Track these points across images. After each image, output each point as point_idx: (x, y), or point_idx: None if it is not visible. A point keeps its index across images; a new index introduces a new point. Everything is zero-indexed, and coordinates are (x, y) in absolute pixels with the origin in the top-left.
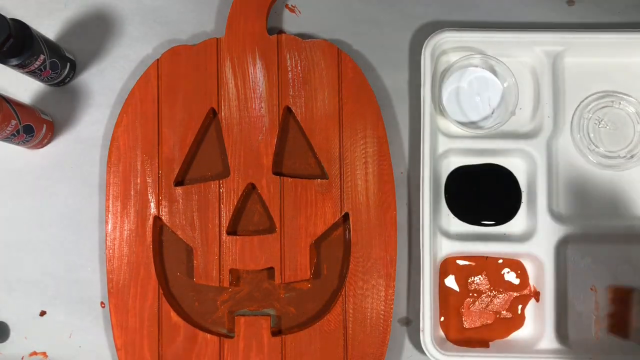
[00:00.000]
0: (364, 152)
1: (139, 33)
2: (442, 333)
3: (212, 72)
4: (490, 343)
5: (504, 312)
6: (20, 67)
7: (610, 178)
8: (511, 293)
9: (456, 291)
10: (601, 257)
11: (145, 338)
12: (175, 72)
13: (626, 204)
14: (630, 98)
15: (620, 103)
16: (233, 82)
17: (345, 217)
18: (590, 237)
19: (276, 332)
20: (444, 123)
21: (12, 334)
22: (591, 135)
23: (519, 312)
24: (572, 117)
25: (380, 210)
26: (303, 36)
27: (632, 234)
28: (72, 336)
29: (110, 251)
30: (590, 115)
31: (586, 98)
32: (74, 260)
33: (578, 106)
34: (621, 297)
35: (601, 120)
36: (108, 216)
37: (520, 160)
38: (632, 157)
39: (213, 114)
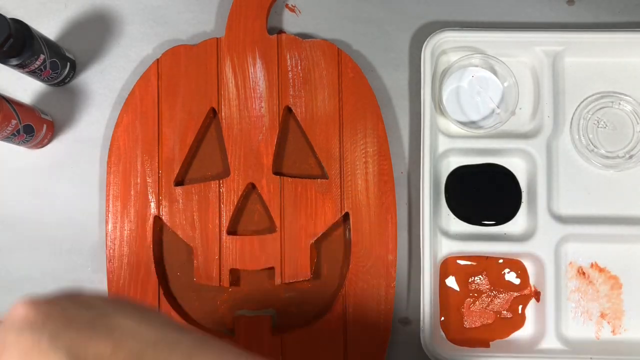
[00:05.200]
0: (364, 152)
1: (139, 33)
2: (442, 333)
3: (212, 72)
4: (491, 343)
5: (504, 312)
6: (20, 67)
7: (610, 178)
8: (511, 293)
9: (456, 291)
10: (601, 257)
11: None
12: (175, 72)
13: (626, 204)
14: (629, 98)
15: (619, 103)
16: (233, 82)
17: (346, 217)
18: (590, 237)
19: (276, 332)
20: (444, 123)
21: None
22: (590, 136)
23: (520, 312)
24: (572, 118)
25: (380, 210)
26: (303, 36)
27: (632, 234)
28: None
29: (111, 251)
30: (590, 115)
31: (586, 99)
32: (74, 260)
33: (578, 107)
34: None
35: (600, 121)
36: (108, 216)
37: (520, 160)
38: (631, 157)
39: (213, 113)
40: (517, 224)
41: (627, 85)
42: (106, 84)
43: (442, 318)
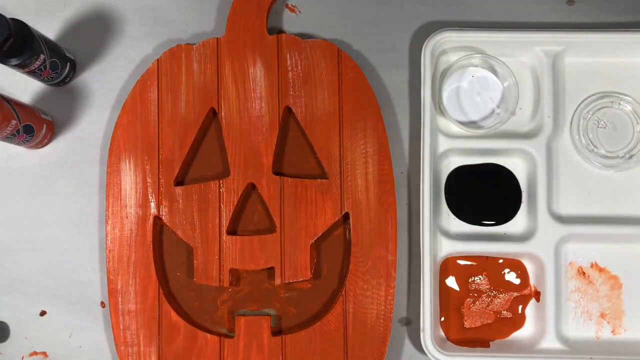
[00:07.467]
0: (364, 151)
1: (139, 33)
2: (442, 333)
3: (212, 72)
4: (491, 343)
5: (504, 312)
6: (20, 67)
7: (609, 178)
8: (512, 293)
9: (456, 291)
10: (601, 257)
11: (146, 338)
12: (175, 72)
13: (626, 204)
14: (629, 98)
15: (619, 103)
16: (233, 82)
17: (345, 217)
18: (590, 237)
19: (276, 332)
20: (444, 123)
21: (12, 334)
22: (590, 136)
23: (520, 312)
24: (572, 118)
25: (380, 210)
26: (303, 36)
27: (632, 233)
28: (72, 336)
29: (110, 251)
30: (590, 115)
31: (586, 99)
32: (74, 260)
33: (578, 107)
34: None
35: (600, 121)
36: (108, 216)
37: (520, 160)
38: (631, 157)
39: (213, 114)
40: (517, 224)
41: (627, 85)
42: (106, 84)
43: (442, 318)
